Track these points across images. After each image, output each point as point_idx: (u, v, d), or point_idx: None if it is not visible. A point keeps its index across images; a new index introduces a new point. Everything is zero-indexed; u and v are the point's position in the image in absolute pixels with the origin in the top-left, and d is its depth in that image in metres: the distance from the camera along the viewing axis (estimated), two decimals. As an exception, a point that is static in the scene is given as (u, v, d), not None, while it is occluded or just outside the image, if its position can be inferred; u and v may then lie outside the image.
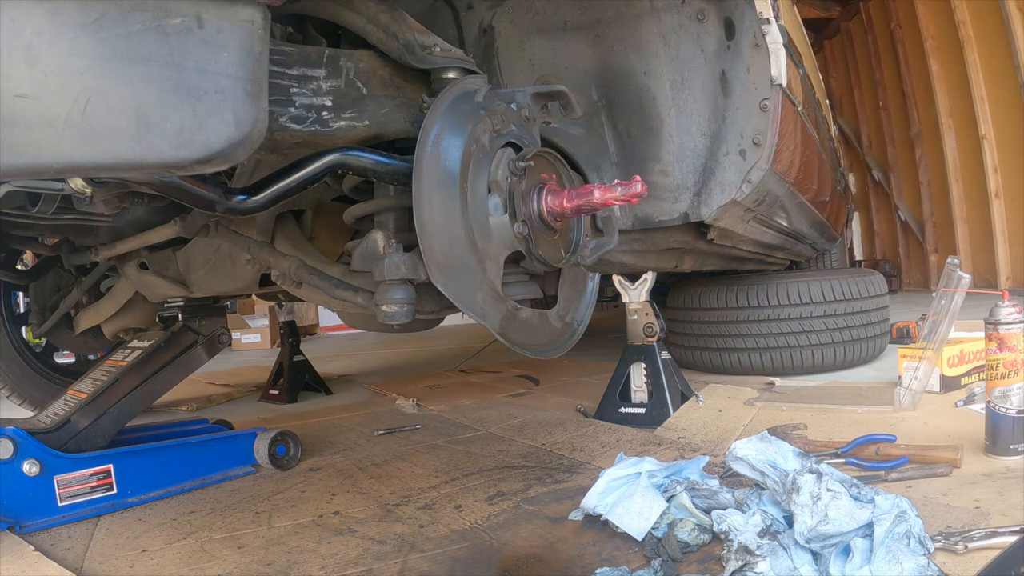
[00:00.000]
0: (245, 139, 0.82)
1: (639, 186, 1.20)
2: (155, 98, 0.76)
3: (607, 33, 1.61)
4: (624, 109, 1.64)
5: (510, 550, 1.36)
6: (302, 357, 3.49)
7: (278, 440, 2.07)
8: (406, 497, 1.73)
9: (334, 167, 1.15)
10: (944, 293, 2.06)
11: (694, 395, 2.39)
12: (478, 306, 1.20)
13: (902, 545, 1.07)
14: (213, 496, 1.87)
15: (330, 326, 7.87)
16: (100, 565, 1.45)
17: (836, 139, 4.53)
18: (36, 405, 2.75)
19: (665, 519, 1.34)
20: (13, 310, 2.83)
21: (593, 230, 1.49)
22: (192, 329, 2.15)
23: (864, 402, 2.26)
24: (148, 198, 1.37)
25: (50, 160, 0.74)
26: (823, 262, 4.46)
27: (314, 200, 1.65)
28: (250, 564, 1.39)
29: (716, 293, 3.01)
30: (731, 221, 1.79)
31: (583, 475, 1.78)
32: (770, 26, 1.51)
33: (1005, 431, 1.61)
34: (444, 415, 2.72)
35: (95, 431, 1.85)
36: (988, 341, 1.64)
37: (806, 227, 2.77)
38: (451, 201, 1.15)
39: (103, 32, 0.74)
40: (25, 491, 1.64)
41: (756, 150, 1.57)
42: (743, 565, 1.11)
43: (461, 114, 1.20)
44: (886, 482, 1.50)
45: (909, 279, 7.98)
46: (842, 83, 8.97)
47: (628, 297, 2.39)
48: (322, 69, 1.14)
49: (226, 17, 0.79)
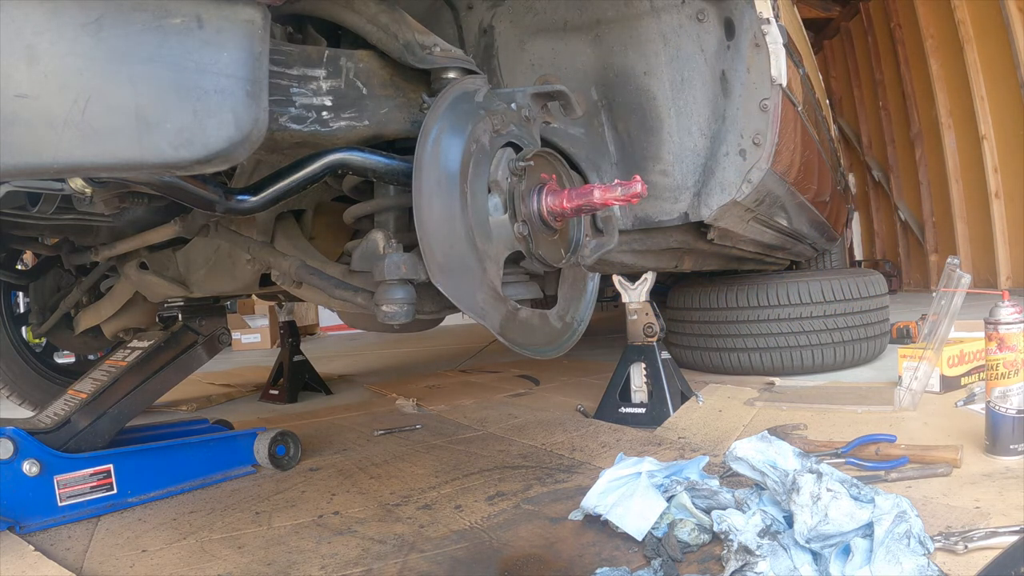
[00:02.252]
0: (245, 139, 0.82)
1: (639, 186, 1.20)
2: (155, 98, 0.76)
3: (607, 33, 1.61)
4: (624, 109, 1.64)
5: (510, 550, 1.36)
6: (302, 357, 3.49)
7: (278, 440, 2.07)
8: (406, 497, 1.73)
9: (334, 167, 1.15)
10: (944, 293, 2.06)
11: (694, 395, 2.39)
12: (478, 306, 1.20)
13: (902, 545, 1.07)
14: (213, 496, 1.87)
15: (330, 326, 7.87)
16: (100, 565, 1.45)
17: (836, 139, 4.53)
18: (36, 405, 2.74)
19: (665, 519, 1.34)
20: (13, 310, 2.83)
21: (593, 230, 1.49)
22: (192, 329, 2.15)
23: (864, 402, 2.26)
24: (148, 198, 1.37)
25: (50, 160, 0.74)
26: (823, 262, 4.45)
27: (314, 200, 1.65)
28: (250, 564, 1.39)
29: (716, 293, 3.01)
30: (731, 221, 1.79)
31: (583, 475, 1.78)
32: (770, 26, 1.51)
33: (1005, 431, 1.61)
34: (444, 415, 2.72)
35: (95, 431, 1.85)
36: (988, 341, 1.64)
37: (806, 227, 2.77)
38: (451, 201, 1.15)
39: (103, 32, 0.74)
40: (25, 491, 1.64)
41: (756, 150, 1.57)
42: (743, 565, 1.11)
43: (461, 114, 1.20)
44: (886, 482, 1.50)
45: (909, 279, 7.98)
46: (842, 83, 8.97)
47: (628, 297, 2.39)
48: (322, 69, 1.14)
49: (226, 17, 0.79)
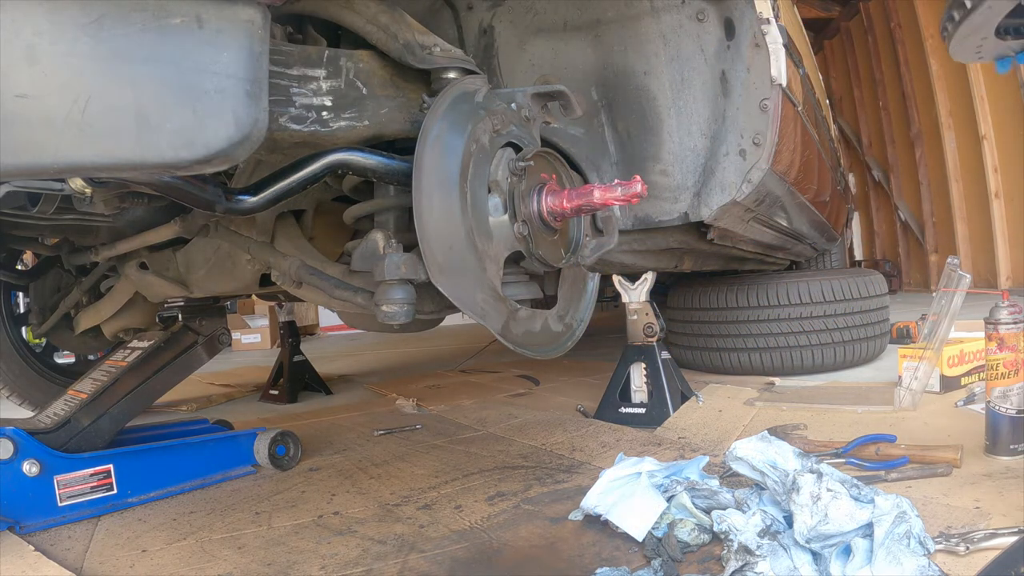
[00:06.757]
0: (245, 139, 0.82)
1: (639, 186, 1.21)
2: (155, 98, 0.76)
3: (607, 33, 1.61)
4: (624, 109, 1.64)
5: (510, 550, 1.36)
6: (302, 357, 3.49)
7: (278, 440, 2.07)
8: (406, 497, 1.73)
9: (334, 167, 1.15)
10: (944, 293, 2.06)
11: (694, 395, 2.39)
12: (478, 306, 1.20)
13: (902, 545, 1.07)
14: (213, 496, 1.87)
15: (330, 326, 7.87)
16: (100, 565, 1.45)
17: (836, 139, 4.53)
18: (36, 405, 2.74)
19: (665, 519, 1.33)
20: (13, 310, 2.82)
21: (593, 230, 1.49)
22: (192, 329, 2.15)
23: (864, 402, 2.26)
24: (148, 198, 1.37)
25: (50, 160, 0.74)
26: (823, 262, 4.45)
27: (314, 200, 1.65)
28: (250, 564, 1.39)
29: (716, 293, 3.01)
30: (731, 221, 1.79)
31: (583, 475, 1.77)
32: (770, 26, 1.51)
33: (1005, 431, 1.61)
34: (444, 415, 2.72)
35: (95, 431, 1.85)
36: (988, 341, 1.64)
37: (806, 227, 2.77)
38: (451, 201, 1.15)
39: (103, 32, 0.74)
40: (25, 491, 1.64)
41: (756, 150, 1.58)
42: (743, 565, 1.11)
43: (461, 114, 1.20)
44: (886, 482, 1.50)
45: (909, 279, 7.98)
46: (842, 83, 8.97)
47: (628, 297, 2.39)
48: (322, 69, 1.14)
49: (226, 17, 0.79)
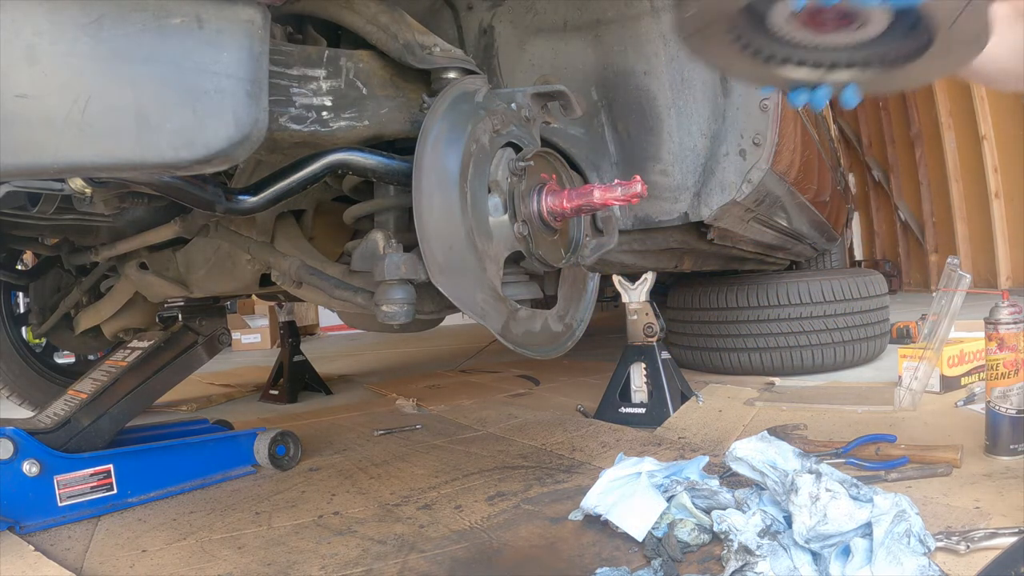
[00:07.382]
0: (245, 139, 0.82)
1: (639, 186, 1.20)
2: (155, 98, 0.77)
3: (607, 33, 1.61)
4: (624, 109, 1.64)
5: (510, 550, 1.36)
6: (302, 357, 3.49)
7: (278, 440, 2.07)
8: (406, 497, 1.73)
9: (334, 167, 1.15)
10: (944, 293, 2.06)
11: (694, 395, 2.39)
12: (478, 306, 1.20)
13: (902, 544, 1.07)
14: (213, 496, 1.87)
15: (330, 326, 7.86)
16: (100, 565, 1.45)
17: (836, 139, 4.54)
18: (36, 405, 2.74)
19: (665, 519, 1.33)
20: (13, 310, 2.82)
21: (593, 230, 1.49)
22: (192, 329, 2.15)
23: (864, 402, 2.26)
24: (148, 198, 1.37)
25: (50, 160, 0.74)
26: (823, 262, 4.45)
27: (314, 200, 1.65)
28: (250, 564, 1.39)
29: (716, 293, 3.01)
30: (731, 221, 1.79)
31: (583, 475, 1.78)
32: (770, 26, 1.51)
33: (1005, 431, 1.61)
34: (444, 415, 2.72)
35: (95, 431, 1.85)
36: (988, 341, 1.64)
37: (806, 227, 2.77)
38: (451, 201, 1.15)
39: (103, 32, 0.74)
40: (25, 491, 1.64)
41: (756, 150, 1.58)
42: (743, 565, 1.11)
43: (461, 114, 1.20)
44: (886, 482, 1.50)
45: (909, 279, 7.98)
46: (842, 83, 8.96)
47: (628, 297, 2.38)
48: (322, 69, 1.14)
49: (226, 17, 0.79)
